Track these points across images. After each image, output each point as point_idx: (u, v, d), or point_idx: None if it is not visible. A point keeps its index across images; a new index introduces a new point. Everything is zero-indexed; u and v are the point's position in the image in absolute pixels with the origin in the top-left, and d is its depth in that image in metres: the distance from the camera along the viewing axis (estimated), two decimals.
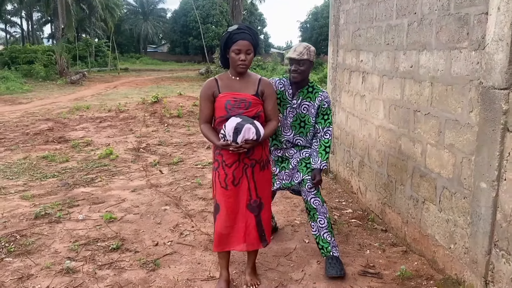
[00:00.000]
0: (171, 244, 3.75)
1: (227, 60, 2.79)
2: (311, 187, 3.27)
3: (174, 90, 15.84)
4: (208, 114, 2.84)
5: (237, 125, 2.64)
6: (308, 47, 3.21)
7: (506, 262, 2.42)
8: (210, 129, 2.84)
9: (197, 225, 4.16)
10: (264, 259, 3.45)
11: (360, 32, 4.48)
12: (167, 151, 7.21)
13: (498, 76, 2.39)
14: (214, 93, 2.79)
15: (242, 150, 2.70)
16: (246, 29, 2.75)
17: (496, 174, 2.44)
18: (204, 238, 3.84)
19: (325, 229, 3.28)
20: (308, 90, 3.31)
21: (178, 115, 9.95)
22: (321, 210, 3.27)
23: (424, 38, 3.21)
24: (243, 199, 2.86)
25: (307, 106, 3.30)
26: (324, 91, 3.31)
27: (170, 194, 5.05)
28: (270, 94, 2.88)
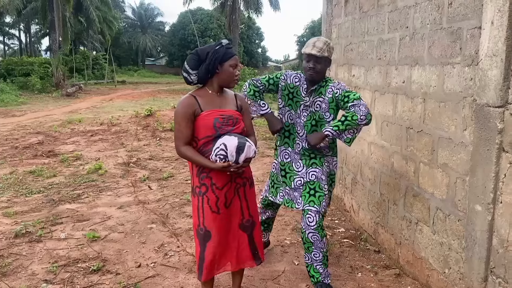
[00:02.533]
0: (154, 265, 3.59)
1: (210, 75, 2.63)
2: (312, 221, 3.01)
3: (169, 103, 15.74)
4: (189, 135, 2.58)
5: (239, 144, 2.46)
6: (328, 43, 2.99)
7: None
8: (195, 151, 2.59)
9: (183, 245, 3.99)
10: (251, 282, 3.29)
11: (352, 47, 4.38)
12: (158, 166, 7.06)
13: (492, 93, 2.27)
14: (196, 111, 2.56)
15: (241, 170, 2.56)
16: (231, 44, 2.68)
17: (491, 196, 2.31)
18: (189, 259, 3.68)
19: (319, 262, 3.06)
20: (321, 85, 3.05)
21: (171, 128, 9.80)
22: (318, 245, 3.02)
23: (416, 52, 3.10)
24: (235, 220, 2.71)
25: (320, 102, 3.04)
26: (336, 82, 3.06)
27: (158, 211, 4.89)
28: (246, 108, 2.79)
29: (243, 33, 46.63)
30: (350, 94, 2.93)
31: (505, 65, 2.18)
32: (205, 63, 2.55)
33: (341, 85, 3.02)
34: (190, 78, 2.60)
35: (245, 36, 48.55)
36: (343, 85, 3.03)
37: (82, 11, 33.09)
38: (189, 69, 2.58)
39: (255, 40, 53.36)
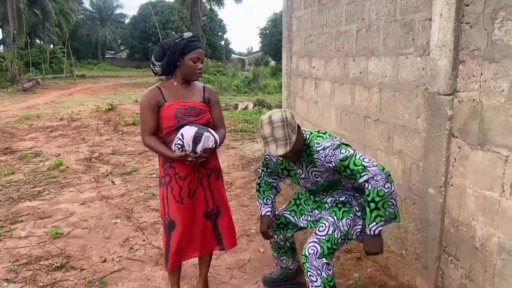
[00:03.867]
0: (120, 260, 3.58)
1: (172, 67, 2.66)
2: (323, 230, 2.45)
3: (131, 97, 15.46)
4: (153, 125, 2.64)
5: (196, 133, 2.50)
6: (286, 121, 2.26)
7: (455, 267, 2.42)
8: (158, 141, 2.64)
9: (149, 238, 3.99)
10: (217, 272, 3.34)
11: (312, 39, 4.46)
12: (121, 161, 6.97)
13: (442, 82, 2.40)
14: (159, 102, 2.61)
15: (201, 160, 2.58)
16: (198, 37, 2.68)
17: (443, 180, 2.45)
18: (155, 252, 3.69)
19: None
20: (306, 152, 2.45)
21: (133, 122, 9.66)
22: (313, 262, 2.37)
23: (372, 44, 3.21)
24: (199, 209, 2.75)
25: (317, 173, 2.47)
26: (318, 150, 2.38)
27: (122, 206, 4.85)
28: (215, 100, 2.80)
29: (206, 25, 46.18)
30: (349, 164, 2.29)
31: (453, 55, 2.31)
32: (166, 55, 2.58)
33: (327, 153, 2.36)
34: (155, 70, 2.67)
35: (208, 29, 48.11)
36: (329, 153, 2.35)
37: (37, 3, 31.87)
38: (154, 60, 2.64)
39: (218, 33, 52.99)
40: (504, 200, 2.02)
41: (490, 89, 2.08)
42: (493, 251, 2.12)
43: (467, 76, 2.25)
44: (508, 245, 2.02)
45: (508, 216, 2.01)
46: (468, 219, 2.28)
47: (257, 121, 10.74)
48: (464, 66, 2.26)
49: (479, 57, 2.15)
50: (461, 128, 2.31)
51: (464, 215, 2.31)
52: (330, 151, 2.34)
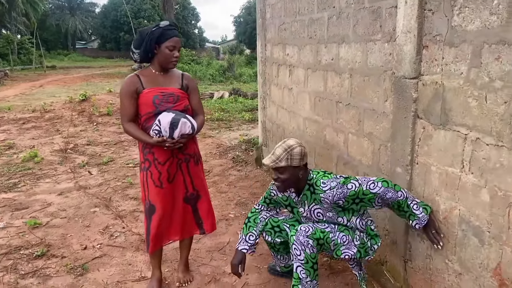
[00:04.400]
0: (101, 246, 3.63)
1: (150, 55, 2.73)
2: (322, 226, 2.54)
3: (104, 88, 15.25)
4: (132, 112, 2.71)
5: (172, 119, 2.58)
6: (290, 150, 2.46)
7: (421, 240, 2.58)
8: (137, 127, 2.73)
9: (128, 225, 4.05)
10: (197, 255, 3.44)
11: (286, 26, 4.56)
12: (97, 151, 6.95)
13: (407, 66, 2.53)
14: (138, 89, 2.69)
15: (178, 145, 2.66)
16: (175, 26, 2.74)
17: (409, 159, 2.59)
18: (135, 239, 3.76)
19: (299, 262, 2.47)
20: (310, 190, 2.56)
21: (108, 113, 9.60)
22: (300, 238, 2.47)
23: (343, 31, 3.33)
24: (179, 194, 2.85)
25: (321, 211, 2.57)
26: (325, 190, 2.49)
27: (100, 195, 4.88)
28: (194, 88, 2.88)
29: (179, 14, 45.62)
30: (358, 195, 2.46)
31: (417, 40, 2.44)
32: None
33: (334, 192, 2.47)
34: (134, 57, 2.75)
35: (181, 17, 47.53)
36: (336, 192, 2.47)
37: None
38: (133, 48, 2.72)
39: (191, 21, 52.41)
40: (464, 176, 2.18)
41: (450, 72, 2.22)
42: (455, 223, 2.28)
43: (430, 60, 2.38)
44: (467, 216, 2.18)
45: (467, 190, 2.17)
46: (432, 194, 2.44)
47: (233, 110, 10.82)
48: (427, 51, 2.40)
49: (440, 42, 2.28)
50: (425, 110, 2.45)
51: (429, 191, 2.47)
52: (337, 190, 2.46)
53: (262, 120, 5.71)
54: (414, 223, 2.47)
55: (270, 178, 5.39)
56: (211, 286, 3.02)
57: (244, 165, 5.99)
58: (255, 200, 4.64)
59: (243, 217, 4.19)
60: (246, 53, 37.23)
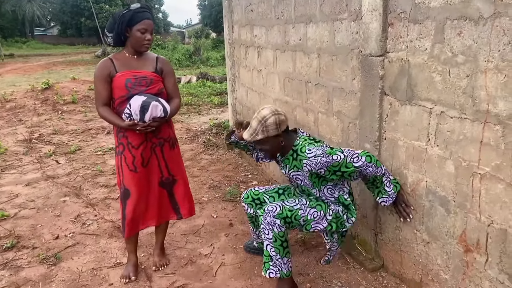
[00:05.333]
0: (73, 235, 3.58)
1: (123, 38, 2.69)
2: (291, 202, 2.58)
3: (67, 75, 14.80)
4: (106, 96, 2.70)
5: (143, 103, 2.56)
6: (264, 121, 2.45)
7: (390, 213, 2.68)
8: (110, 111, 2.71)
9: (100, 213, 4.01)
10: (172, 239, 3.45)
11: (252, 7, 4.54)
12: (63, 140, 6.78)
13: (374, 44, 2.58)
14: (111, 73, 2.67)
15: (150, 129, 2.64)
16: (147, 8, 2.71)
17: (377, 135, 2.67)
18: (108, 226, 3.72)
19: (268, 241, 2.50)
20: (293, 156, 2.57)
21: (73, 101, 9.35)
22: (267, 218, 2.48)
23: (310, 10, 3.35)
24: (154, 178, 2.83)
25: (299, 176, 2.60)
26: (309, 156, 2.45)
27: (69, 184, 4.78)
28: (169, 71, 2.84)
29: None
30: (340, 167, 2.46)
31: (383, 18, 2.49)
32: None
33: (318, 160, 2.43)
34: (107, 40, 2.73)
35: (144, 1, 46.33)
36: (320, 160, 2.43)
37: None
38: (107, 31, 2.70)
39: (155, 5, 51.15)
40: (430, 148, 2.27)
41: (415, 48, 2.29)
42: (422, 194, 2.37)
43: (395, 37, 2.44)
44: (434, 187, 2.28)
45: (433, 162, 2.26)
46: (400, 168, 2.53)
47: (202, 94, 10.73)
48: (393, 28, 2.45)
49: (405, 19, 2.34)
50: (391, 86, 2.52)
51: (397, 165, 2.55)
52: (322, 159, 2.43)
53: (232, 102, 5.71)
54: (381, 200, 2.56)
55: (242, 160, 5.42)
56: (188, 268, 3.04)
57: (215, 149, 5.98)
58: (228, 183, 4.66)
59: (216, 200, 4.22)
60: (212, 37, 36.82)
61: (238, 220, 3.75)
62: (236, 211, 3.94)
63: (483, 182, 1.97)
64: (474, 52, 1.92)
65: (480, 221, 2.01)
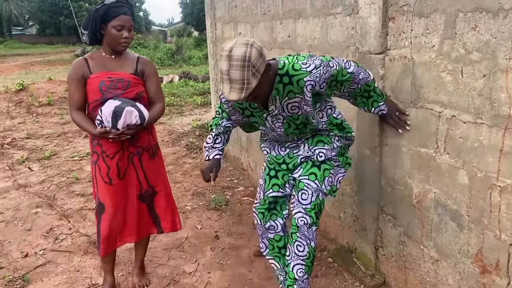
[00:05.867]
0: (44, 252, 3.27)
1: (99, 36, 2.40)
2: (306, 198, 2.18)
3: (45, 75, 14.28)
4: (80, 99, 2.43)
5: (115, 108, 2.27)
6: (248, 61, 1.75)
7: (393, 226, 2.44)
8: (83, 117, 2.44)
9: (75, 226, 3.69)
10: (154, 254, 3.16)
11: (236, 3, 4.26)
12: (37, 145, 6.41)
13: (373, 40, 2.34)
14: (85, 74, 2.39)
15: (125, 137, 2.35)
16: (126, 2, 2.40)
17: (377, 140, 2.43)
18: (83, 241, 3.42)
19: (300, 260, 2.21)
20: (283, 82, 2.00)
21: (48, 102, 8.93)
22: (305, 232, 2.18)
23: (299, 5, 3.09)
24: (132, 191, 2.54)
25: (297, 104, 2.04)
26: (310, 70, 1.95)
27: (42, 193, 4.45)
28: (151, 72, 2.54)
29: None
30: (337, 77, 2.04)
31: (383, 12, 2.24)
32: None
33: (321, 71, 1.97)
34: (83, 39, 2.46)
35: None
36: (323, 70, 1.97)
37: None
38: (82, 29, 2.43)
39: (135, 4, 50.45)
40: (439, 156, 2.03)
41: (421, 45, 2.05)
42: (430, 207, 2.14)
43: (397, 33, 2.20)
44: (443, 199, 2.05)
45: (443, 172, 2.02)
46: (404, 177, 2.29)
47: (184, 94, 10.41)
48: (394, 23, 2.21)
49: (408, 13, 2.10)
50: (393, 87, 2.28)
51: (400, 173, 2.32)
52: (324, 69, 1.96)
53: (216, 103, 5.42)
54: (380, 109, 2.23)
55: (227, 164, 5.15)
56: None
57: (199, 152, 5.69)
58: (212, 189, 4.39)
59: (201, 208, 3.94)
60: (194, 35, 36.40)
61: (224, 232, 3.48)
62: (222, 221, 3.67)
63: (503, 195, 1.74)
64: (492, 48, 1.69)
65: (500, 240, 1.78)
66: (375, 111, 2.25)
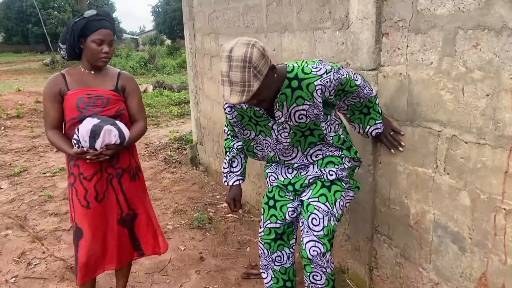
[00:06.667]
0: (16, 280, 3.05)
1: (77, 51, 2.25)
2: (318, 224, 2.03)
3: (12, 86, 13.78)
4: (56, 117, 2.28)
5: (93, 127, 2.12)
6: (249, 61, 1.67)
7: (388, 247, 2.37)
8: (59, 136, 2.28)
9: (49, 249, 3.48)
10: (135, 279, 2.99)
11: (217, 14, 4.16)
12: (6, 160, 6.09)
13: (365, 56, 2.28)
14: (62, 91, 2.24)
15: (103, 158, 2.20)
16: (106, 15, 2.26)
17: (371, 158, 2.36)
18: (59, 265, 3.21)
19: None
20: (292, 86, 1.89)
21: (17, 115, 8.57)
22: (319, 262, 2.04)
23: (285, 18, 3.02)
24: (112, 215, 2.38)
25: (305, 112, 1.94)
26: (320, 74, 1.87)
27: (12, 213, 4.20)
28: (133, 89, 2.40)
29: (92, 4, 42.97)
30: (345, 87, 1.98)
31: (376, 27, 2.18)
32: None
33: (332, 76, 1.88)
34: (61, 53, 2.31)
35: (94, 7, 44.84)
36: (333, 76, 1.89)
37: None
38: (60, 43, 2.29)
39: None
40: (438, 176, 1.97)
41: (417, 62, 1.99)
42: (429, 228, 2.08)
43: (391, 49, 2.14)
44: (443, 221, 1.98)
45: (442, 193, 1.96)
46: (400, 197, 2.22)
47: (159, 105, 10.19)
48: (388, 38, 2.15)
49: (404, 29, 2.04)
50: (387, 104, 2.22)
51: (396, 193, 2.25)
52: (334, 74, 1.88)
53: (196, 116, 5.29)
54: (375, 128, 2.15)
55: (209, 179, 5.01)
56: None
57: (178, 165, 5.54)
58: (194, 206, 4.24)
59: (183, 228, 3.79)
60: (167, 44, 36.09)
61: (209, 253, 3.34)
62: (206, 241, 3.53)
63: (508, 219, 1.68)
64: (496, 67, 1.64)
65: (506, 264, 1.72)
66: (371, 130, 2.17)
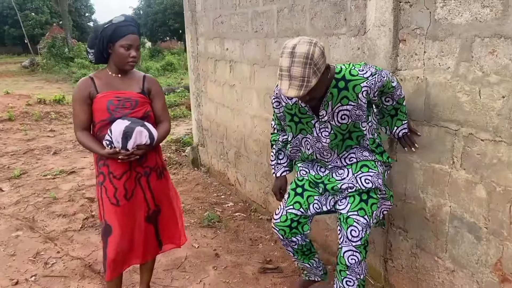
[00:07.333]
0: (36, 279, 3.11)
1: (105, 55, 2.36)
2: (357, 235, 2.15)
3: None
4: (85, 119, 2.37)
5: (126, 128, 2.23)
6: (311, 58, 1.81)
7: (404, 239, 2.53)
8: (89, 137, 2.38)
9: (64, 249, 3.54)
10: (155, 276, 3.08)
11: (223, 19, 4.29)
12: (3, 163, 6.07)
13: (382, 61, 2.44)
14: (91, 93, 2.34)
15: (134, 158, 2.31)
16: (133, 21, 2.37)
17: None
18: (77, 264, 3.28)
19: None
20: (338, 87, 2.03)
21: (9, 118, 8.51)
22: (356, 269, 2.17)
23: (298, 25, 3.17)
24: (139, 212, 2.49)
25: (348, 113, 2.07)
26: (366, 76, 2.02)
27: (20, 215, 4.23)
28: (158, 91, 2.52)
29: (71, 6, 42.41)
30: (387, 85, 2.13)
31: (393, 34, 2.35)
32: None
33: (376, 79, 2.04)
34: (89, 57, 2.42)
35: (73, 9, 44.27)
36: (378, 79, 2.05)
37: None
38: (88, 47, 2.38)
39: (85, 13, 49.22)
40: (455, 172, 2.14)
41: (435, 66, 2.17)
42: (445, 220, 2.25)
43: (408, 54, 2.31)
44: (460, 213, 2.16)
45: (459, 187, 2.14)
46: (416, 192, 2.39)
47: None
48: (405, 45, 2.32)
49: (421, 36, 2.21)
50: None
51: (412, 188, 2.42)
52: (378, 77, 2.04)
53: (197, 118, 5.39)
54: (401, 128, 2.31)
55: (211, 179, 5.12)
56: None
57: (178, 167, 5.63)
58: (201, 206, 4.35)
59: (193, 226, 3.89)
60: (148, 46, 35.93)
61: (223, 250, 3.46)
62: (219, 239, 3.65)
63: None
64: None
65: None
66: (398, 130, 2.33)
